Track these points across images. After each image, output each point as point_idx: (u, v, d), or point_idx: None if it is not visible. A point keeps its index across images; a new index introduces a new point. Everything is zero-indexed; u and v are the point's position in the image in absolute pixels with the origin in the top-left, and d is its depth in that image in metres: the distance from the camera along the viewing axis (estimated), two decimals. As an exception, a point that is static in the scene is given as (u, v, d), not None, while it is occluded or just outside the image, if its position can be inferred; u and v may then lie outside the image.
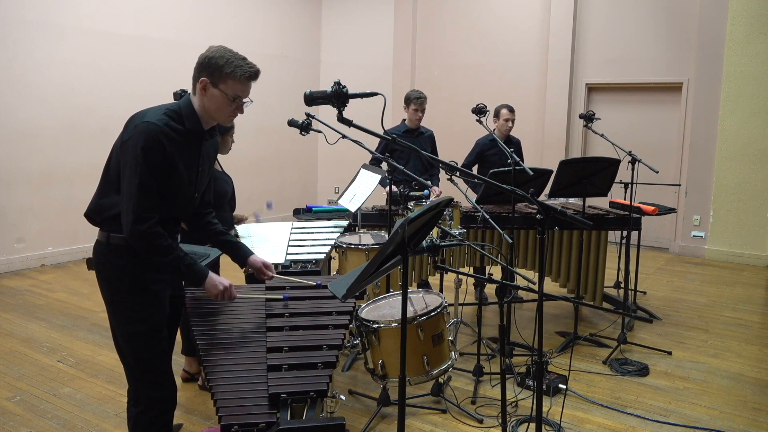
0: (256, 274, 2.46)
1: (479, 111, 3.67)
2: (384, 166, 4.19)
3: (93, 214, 2.17)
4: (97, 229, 2.18)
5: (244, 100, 2.13)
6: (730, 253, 7.12)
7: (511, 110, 5.01)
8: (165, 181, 2.05)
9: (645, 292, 5.65)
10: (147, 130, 1.99)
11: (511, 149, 3.80)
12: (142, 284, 2.12)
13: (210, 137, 2.25)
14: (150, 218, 2.01)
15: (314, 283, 2.53)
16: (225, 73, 2.06)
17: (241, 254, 2.42)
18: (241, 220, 3.85)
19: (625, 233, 4.77)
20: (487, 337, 4.23)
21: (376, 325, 2.57)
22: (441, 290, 3.98)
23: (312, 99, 2.04)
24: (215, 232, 2.44)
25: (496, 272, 5.81)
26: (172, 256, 2.07)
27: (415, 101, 4.73)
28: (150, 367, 2.17)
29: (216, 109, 2.12)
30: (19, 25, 5.88)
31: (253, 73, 2.11)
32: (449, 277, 5.18)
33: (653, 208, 5.20)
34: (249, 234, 3.70)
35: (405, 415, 1.94)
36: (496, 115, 5.02)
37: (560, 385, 3.43)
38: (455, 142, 6.81)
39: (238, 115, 2.18)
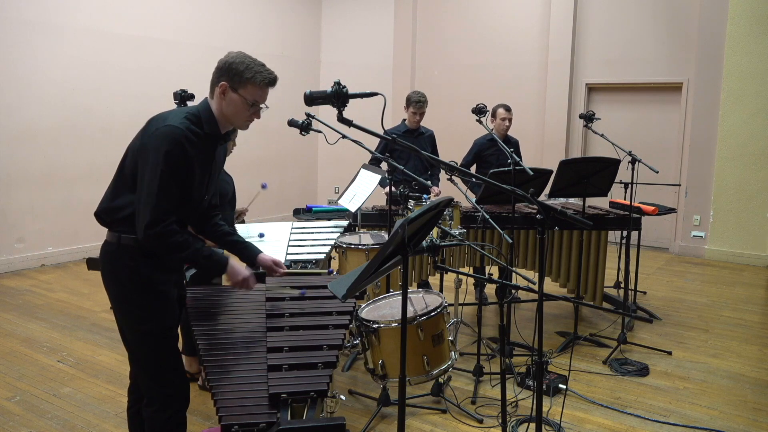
0: (266, 272, 2.45)
1: (479, 111, 3.67)
2: (384, 166, 4.19)
3: (104, 215, 2.16)
4: (100, 229, 2.18)
5: (261, 106, 2.16)
6: (730, 253, 7.12)
7: (508, 109, 5.01)
8: (181, 184, 2.06)
9: (645, 292, 5.65)
10: (170, 133, 2.00)
11: (511, 149, 3.80)
12: (153, 284, 2.12)
13: (225, 141, 2.27)
14: (165, 220, 2.01)
15: (326, 271, 2.54)
16: (245, 79, 2.09)
17: (249, 254, 2.42)
18: (241, 214, 3.84)
19: (625, 233, 4.77)
20: (487, 337, 4.23)
21: (376, 325, 2.57)
22: (441, 290, 3.98)
23: (312, 99, 2.05)
24: (222, 233, 2.44)
25: (497, 273, 5.81)
26: (190, 250, 2.09)
27: (414, 105, 4.71)
28: (163, 365, 2.17)
29: (233, 114, 2.14)
30: (19, 25, 5.88)
31: (272, 80, 2.15)
32: (449, 277, 5.17)
33: (653, 208, 5.21)
34: (249, 234, 3.70)
35: (405, 415, 1.94)
36: (493, 114, 5.01)
37: (560, 385, 3.43)
38: (455, 142, 6.80)
39: (254, 120, 2.20)
